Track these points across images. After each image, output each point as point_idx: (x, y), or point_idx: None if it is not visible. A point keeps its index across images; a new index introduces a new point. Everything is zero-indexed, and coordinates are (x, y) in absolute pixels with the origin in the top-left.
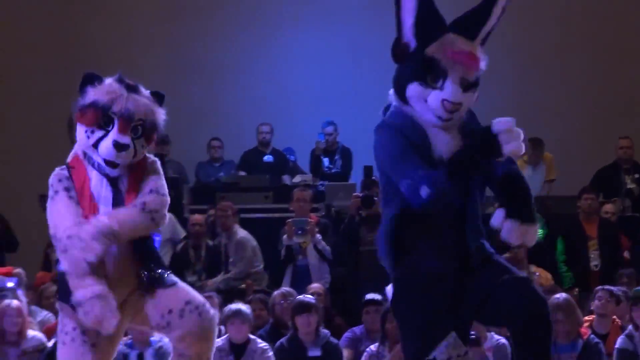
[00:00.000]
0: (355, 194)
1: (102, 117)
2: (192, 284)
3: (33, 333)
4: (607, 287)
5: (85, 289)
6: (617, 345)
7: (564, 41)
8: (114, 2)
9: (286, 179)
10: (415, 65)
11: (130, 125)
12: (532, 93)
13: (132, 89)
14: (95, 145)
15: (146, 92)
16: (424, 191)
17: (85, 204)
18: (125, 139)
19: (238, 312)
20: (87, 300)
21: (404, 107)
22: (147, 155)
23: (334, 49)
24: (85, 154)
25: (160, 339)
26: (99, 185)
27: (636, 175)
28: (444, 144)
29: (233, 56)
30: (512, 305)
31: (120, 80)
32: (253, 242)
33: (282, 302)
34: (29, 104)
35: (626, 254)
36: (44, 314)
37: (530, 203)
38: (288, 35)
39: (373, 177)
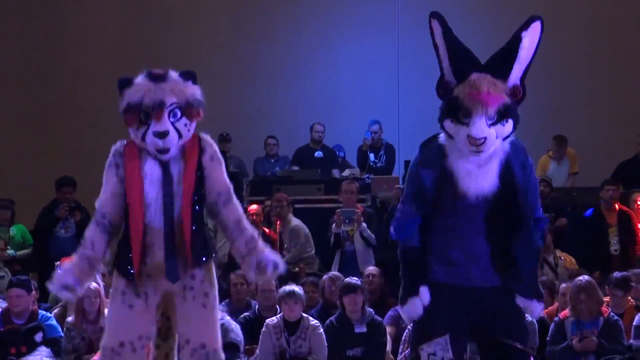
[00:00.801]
0: (397, 186)
1: (139, 115)
2: None
3: None
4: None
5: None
6: (635, 322)
7: (589, 48)
8: (185, 15)
9: (336, 172)
10: (447, 103)
11: (164, 112)
12: (559, 94)
13: (160, 79)
14: (143, 139)
15: (175, 75)
16: (392, 232)
17: (133, 181)
18: (163, 126)
19: (292, 293)
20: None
21: (449, 140)
22: (204, 137)
23: (379, 55)
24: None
25: (222, 316)
26: (151, 168)
27: None
28: (471, 179)
29: (288, 62)
30: None
31: (147, 75)
32: (305, 229)
33: (331, 286)
34: (106, 106)
35: None
36: None
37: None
38: (337, 43)
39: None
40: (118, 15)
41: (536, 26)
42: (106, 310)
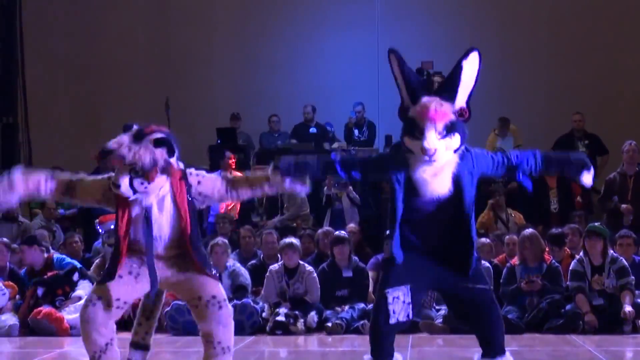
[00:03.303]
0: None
1: (115, 162)
2: (256, 223)
3: None
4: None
5: None
6: (570, 267)
7: (530, 40)
8: (200, 12)
9: (326, 145)
10: (405, 124)
11: (125, 168)
12: (506, 79)
13: (137, 139)
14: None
15: (149, 138)
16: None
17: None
18: (121, 179)
19: (290, 244)
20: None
21: (409, 153)
22: (187, 173)
23: (362, 47)
24: None
25: (233, 263)
26: (137, 213)
27: (586, 141)
28: (427, 186)
29: (286, 54)
30: (474, 313)
31: (131, 134)
32: None
33: (324, 239)
34: (136, 92)
35: (578, 199)
36: None
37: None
38: (327, 37)
39: (393, 143)
40: (145, 14)
41: (474, 56)
42: None
